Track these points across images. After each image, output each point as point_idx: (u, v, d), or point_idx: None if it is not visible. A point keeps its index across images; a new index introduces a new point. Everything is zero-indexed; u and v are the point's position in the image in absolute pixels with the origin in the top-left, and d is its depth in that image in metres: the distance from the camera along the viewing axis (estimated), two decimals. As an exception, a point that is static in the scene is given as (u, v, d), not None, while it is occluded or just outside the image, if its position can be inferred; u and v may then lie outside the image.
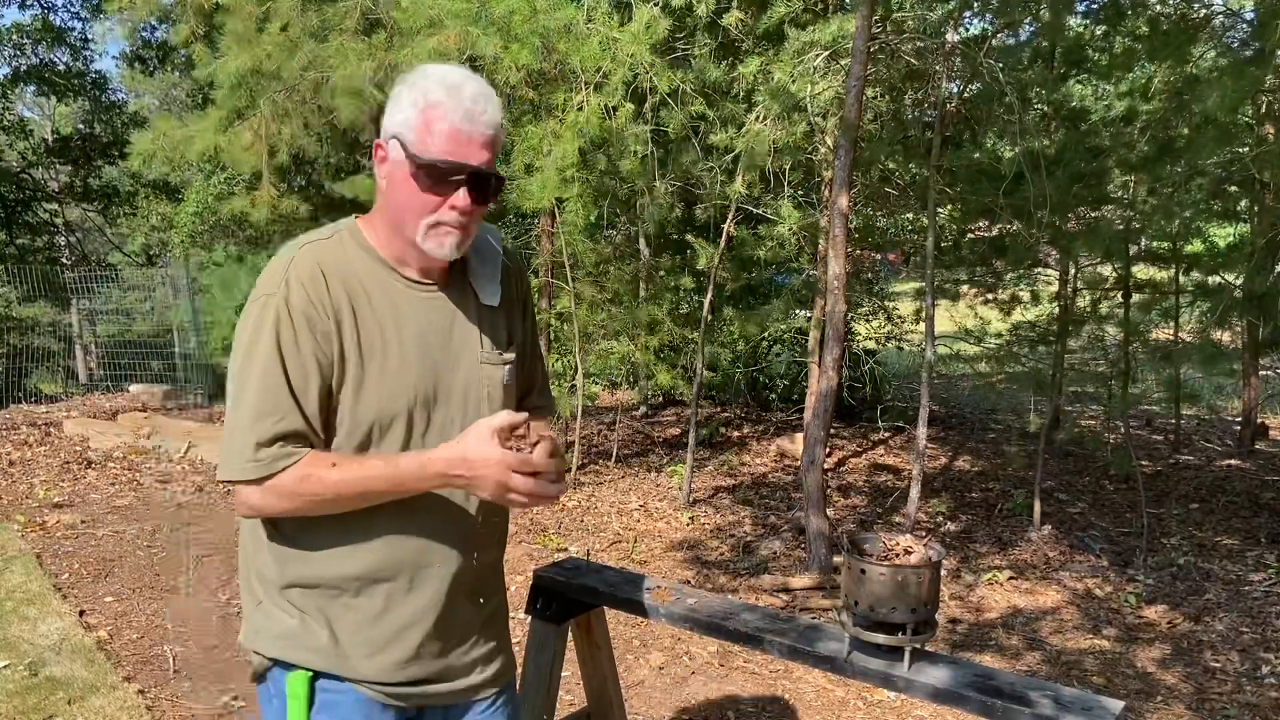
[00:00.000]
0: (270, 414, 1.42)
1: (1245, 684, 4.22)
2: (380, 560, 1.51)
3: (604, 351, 8.64)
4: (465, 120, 1.42)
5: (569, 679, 3.52)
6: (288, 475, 1.42)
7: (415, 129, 1.43)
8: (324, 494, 1.43)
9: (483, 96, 1.45)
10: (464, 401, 1.56)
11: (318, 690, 1.53)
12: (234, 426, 1.45)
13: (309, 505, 1.44)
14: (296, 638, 1.52)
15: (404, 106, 1.45)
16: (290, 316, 1.43)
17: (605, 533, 6.17)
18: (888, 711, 3.80)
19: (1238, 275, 6.09)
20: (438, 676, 1.59)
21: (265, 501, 1.44)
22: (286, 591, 1.53)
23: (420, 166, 1.43)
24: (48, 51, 17.68)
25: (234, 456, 1.43)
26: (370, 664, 1.53)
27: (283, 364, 1.43)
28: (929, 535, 6.19)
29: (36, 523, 5.90)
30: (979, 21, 8.02)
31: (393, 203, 1.49)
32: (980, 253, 7.40)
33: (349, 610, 1.52)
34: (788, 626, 2.01)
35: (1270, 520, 6.52)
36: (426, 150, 1.42)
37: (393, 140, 1.46)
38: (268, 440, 1.41)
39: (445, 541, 1.55)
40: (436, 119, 1.42)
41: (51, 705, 3.55)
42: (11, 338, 13.31)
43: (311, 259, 1.48)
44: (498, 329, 1.61)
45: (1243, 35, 5.90)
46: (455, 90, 1.43)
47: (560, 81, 6.17)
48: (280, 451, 1.42)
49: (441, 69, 1.47)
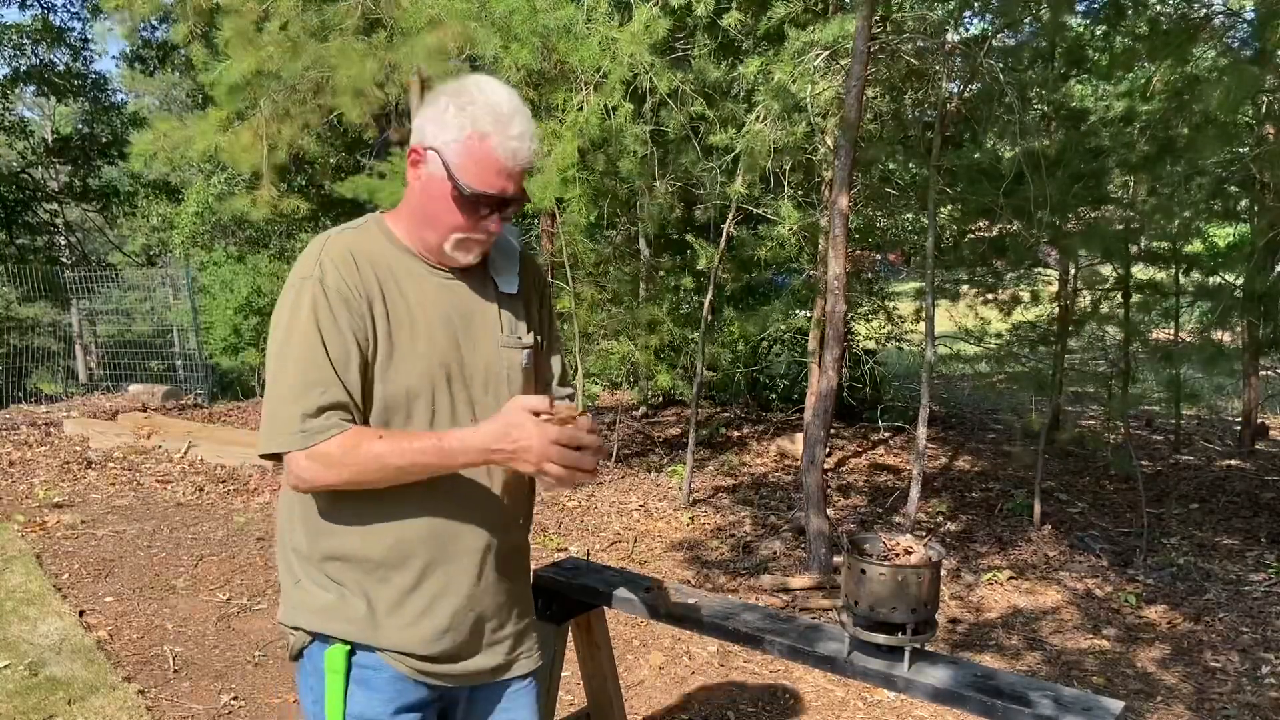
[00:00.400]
0: (315, 386, 1.47)
1: (1245, 684, 4.21)
2: (414, 536, 1.57)
3: (604, 351, 8.64)
4: (510, 157, 1.50)
5: (569, 679, 3.52)
6: (334, 444, 1.46)
7: (460, 155, 1.50)
8: (370, 465, 1.46)
9: (527, 132, 1.52)
10: (485, 382, 1.62)
11: (354, 665, 1.58)
12: (278, 401, 1.48)
13: (355, 475, 1.47)
14: (334, 610, 1.58)
15: (449, 125, 1.50)
16: (326, 296, 1.50)
17: (605, 533, 6.17)
18: (888, 711, 3.80)
19: (1238, 275, 6.09)
20: (469, 651, 1.64)
21: (313, 471, 1.47)
22: (324, 565, 1.59)
23: (462, 194, 1.50)
24: (48, 52, 17.68)
25: (280, 429, 1.47)
26: (405, 634, 1.58)
27: (323, 340, 1.48)
28: (929, 535, 6.19)
29: (36, 523, 5.90)
30: (979, 21, 8.03)
31: (425, 210, 1.55)
32: (980, 253, 7.40)
33: (384, 584, 1.57)
34: (788, 626, 2.01)
35: (1270, 520, 6.52)
36: (470, 180, 1.50)
37: (432, 152, 1.52)
38: (314, 411, 1.46)
39: (475, 519, 1.61)
40: (483, 153, 1.49)
41: (51, 705, 3.55)
42: (11, 338, 13.32)
43: (343, 245, 1.55)
44: (516, 315, 1.69)
45: (1243, 35, 5.90)
46: (504, 124, 1.49)
47: (560, 81, 6.17)
48: (326, 421, 1.46)
49: (489, 93, 1.51)
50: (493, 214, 1.53)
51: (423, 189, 1.54)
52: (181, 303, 12.15)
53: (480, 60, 6.00)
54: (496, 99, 1.50)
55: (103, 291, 13.49)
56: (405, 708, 1.61)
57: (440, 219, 1.54)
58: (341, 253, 1.54)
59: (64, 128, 19.69)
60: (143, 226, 19.18)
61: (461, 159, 1.49)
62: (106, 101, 18.48)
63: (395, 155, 9.97)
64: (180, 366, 11.75)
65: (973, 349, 7.66)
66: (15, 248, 17.58)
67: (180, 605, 4.69)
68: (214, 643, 4.25)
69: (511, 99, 1.51)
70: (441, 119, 1.51)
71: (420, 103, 1.63)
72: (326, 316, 1.49)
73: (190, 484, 6.97)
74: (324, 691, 1.58)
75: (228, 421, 9.48)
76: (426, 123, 1.53)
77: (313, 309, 1.49)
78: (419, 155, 1.54)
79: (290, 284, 1.53)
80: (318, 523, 1.58)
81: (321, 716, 1.59)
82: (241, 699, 3.71)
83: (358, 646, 1.58)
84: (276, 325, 1.53)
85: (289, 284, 1.54)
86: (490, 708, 1.72)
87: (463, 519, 1.60)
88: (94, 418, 8.89)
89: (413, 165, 1.55)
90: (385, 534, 1.56)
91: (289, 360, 1.49)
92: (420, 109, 1.57)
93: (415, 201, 1.57)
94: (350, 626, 1.57)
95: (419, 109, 1.58)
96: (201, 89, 14.21)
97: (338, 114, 7.50)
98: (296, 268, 1.55)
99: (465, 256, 1.58)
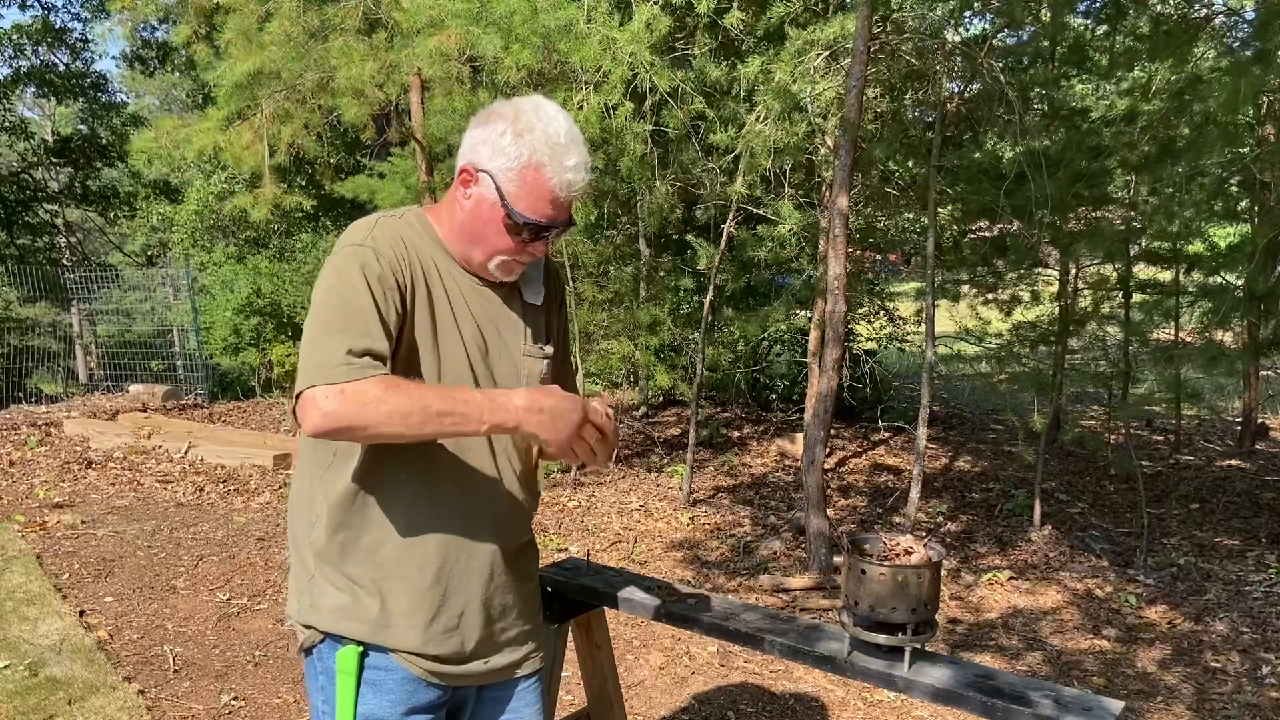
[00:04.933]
0: (362, 332, 1.44)
1: (1245, 684, 4.21)
2: (432, 536, 1.58)
3: (604, 351, 8.64)
4: (564, 189, 1.52)
5: (569, 679, 3.52)
6: (373, 382, 1.40)
7: (515, 183, 1.51)
8: (406, 406, 1.40)
9: (583, 164, 1.53)
10: (507, 387, 1.63)
11: (366, 667, 1.59)
12: (321, 339, 1.43)
13: (388, 418, 1.39)
14: (348, 611, 1.58)
15: (505, 151, 1.50)
16: (378, 261, 1.49)
17: (605, 533, 6.17)
18: (888, 711, 3.80)
19: (1239, 275, 6.08)
20: (481, 651, 1.65)
21: (344, 407, 1.38)
22: (342, 565, 1.59)
23: (515, 221, 1.52)
24: (48, 52, 17.67)
25: (321, 364, 1.41)
26: (419, 635, 1.59)
27: (372, 295, 1.47)
28: (929, 535, 6.18)
29: (36, 523, 5.90)
30: (979, 21, 8.02)
31: (472, 228, 1.56)
32: (981, 253, 7.40)
33: (401, 584, 1.58)
34: (788, 626, 2.00)
35: (1270, 520, 6.52)
36: (523, 209, 1.51)
37: (485, 175, 1.52)
38: (359, 351, 1.42)
39: (489, 520, 1.62)
40: (539, 183, 1.50)
41: (51, 705, 3.55)
42: (11, 338, 13.32)
43: (393, 228, 1.57)
44: (539, 325, 1.72)
45: (1243, 35, 5.90)
46: (559, 155, 1.50)
47: (560, 81, 6.17)
48: (370, 361, 1.43)
49: (547, 121, 1.51)
50: (538, 239, 1.55)
51: (473, 208, 1.55)
52: (181, 303, 12.15)
53: (481, 61, 5.99)
54: (555, 130, 1.50)
55: (103, 292, 13.49)
56: (416, 709, 1.61)
57: (488, 240, 1.55)
58: (392, 232, 1.55)
59: (64, 128, 19.69)
60: (142, 227, 19.17)
61: (516, 187, 1.50)
62: (106, 101, 18.46)
63: (395, 155, 9.99)
64: (180, 366, 11.76)
65: (973, 349, 7.65)
66: (15, 248, 17.58)
67: (180, 605, 4.69)
68: (214, 643, 4.25)
69: (570, 128, 1.51)
70: (498, 144, 1.50)
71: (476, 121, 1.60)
72: (375, 275, 1.48)
73: (190, 484, 6.97)
74: (335, 692, 1.59)
75: (228, 421, 9.48)
76: (480, 144, 1.53)
77: (363, 269, 1.47)
78: (470, 175, 1.54)
79: (338, 251, 1.52)
80: (339, 521, 1.57)
81: (332, 717, 1.60)
82: (241, 699, 3.71)
83: (370, 648, 1.58)
84: (322, 284, 1.50)
85: (336, 251, 1.52)
86: (499, 707, 1.74)
87: (477, 519, 1.61)
88: (94, 418, 8.89)
89: (463, 184, 1.55)
90: (405, 533, 1.57)
91: (336, 307, 1.45)
92: (473, 126, 1.56)
93: (462, 218, 1.57)
94: (363, 628, 1.58)
95: (471, 126, 1.57)
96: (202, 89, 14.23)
97: (338, 114, 7.50)
98: (346, 237, 1.54)
99: (507, 276, 1.61)
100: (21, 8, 17.43)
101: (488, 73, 6.19)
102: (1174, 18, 5.78)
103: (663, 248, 9.74)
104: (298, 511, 1.64)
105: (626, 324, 7.80)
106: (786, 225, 6.61)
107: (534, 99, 1.55)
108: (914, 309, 9.37)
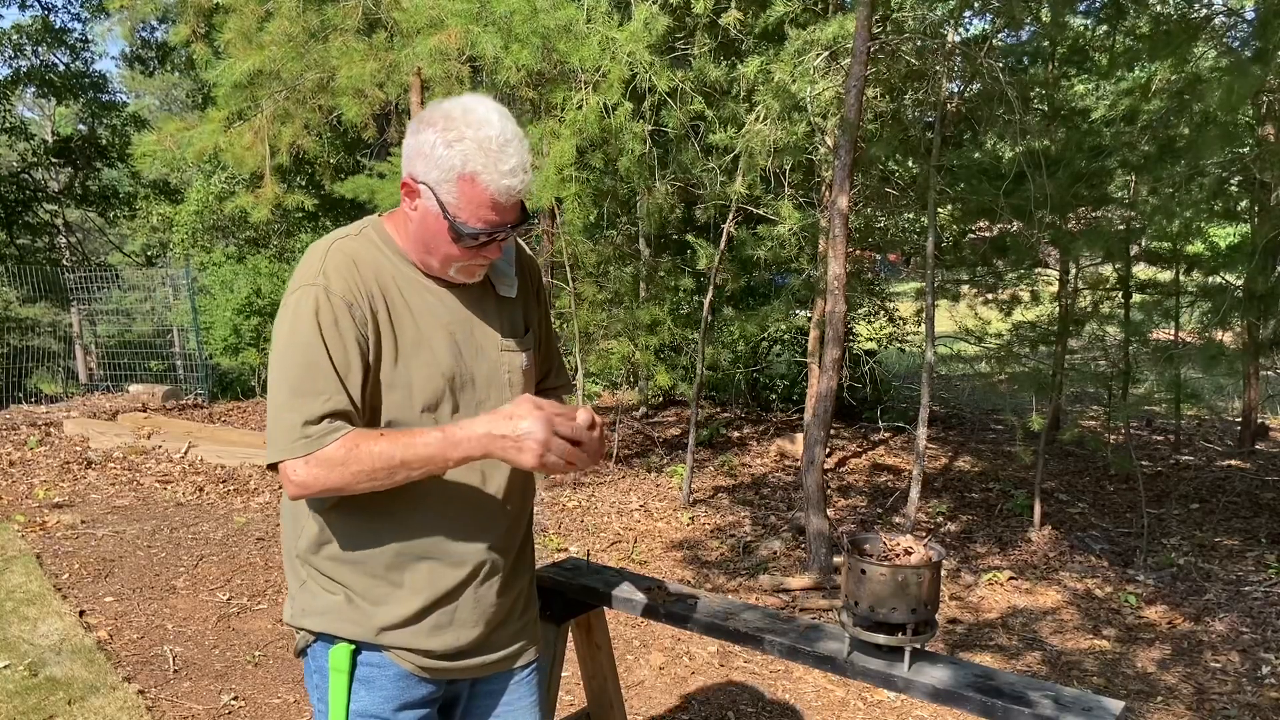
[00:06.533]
0: (317, 394, 1.45)
1: (1245, 684, 4.21)
2: (418, 539, 1.57)
3: (604, 352, 8.63)
4: (504, 195, 1.45)
5: (569, 679, 3.52)
6: (335, 447, 1.44)
7: (453, 195, 1.45)
8: (371, 464, 1.44)
9: (520, 165, 1.45)
10: (488, 386, 1.63)
11: (359, 664, 1.60)
12: (279, 409, 1.47)
13: (356, 477, 1.45)
14: (339, 611, 1.59)
15: (438, 163, 1.44)
16: (330, 302, 1.47)
17: (605, 533, 6.17)
18: (888, 711, 3.80)
19: (1239, 275, 6.08)
20: (474, 649, 1.65)
21: (312, 475, 1.44)
22: (330, 569, 1.59)
23: (459, 231, 1.47)
24: (48, 53, 17.67)
25: (281, 437, 1.45)
26: (410, 634, 1.59)
27: (325, 347, 1.46)
28: (929, 535, 6.19)
29: (36, 523, 5.90)
30: (979, 21, 8.02)
31: (422, 238, 1.53)
32: (981, 253, 7.39)
33: (390, 586, 1.58)
34: (788, 626, 2.00)
35: (1270, 520, 6.52)
36: (465, 218, 1.46)
37: (423, 186, 1.48)
38: (315, 418, 1.44)
39: (479, 520, 1.61)
40: (476, 193, 1.44)
41: (51, 705, 3.55)
42: (11, 338, 13.33)
43: (345, 252, 1.53)
44: (515, 319, 1.69)
45: (1243, 35, 5.90)
46: (494, 161, 1.43)
47: (560, 81, 6.17)
48: (328, 426, 1.44)
49: (477, 125, 1.44)
50: (491, 243, 1.51)
51: (420, 220, 1.51)
52: (181, 303, 12.16)
53: (481, 61, 5.99)
54: (486, 134, 1.43)
55: (103, 292, 13.50)
56: (408, 704, 1.62)
57: (440, 249, 1.52)
58: (345, 260, 1.51)
59: (64, 128, 19.69)
60: (143, 227, 19.18)
61: (454, 198, 1.45)
62: (106, 101, 18.46)
63: (395, 155, 9.98)
64: (180, 366, 11.76)
65: (973, 349, 7.65)
66: (15, 248, 17.58)
67: (180, 605, 4.69)
68: (214, 643, 4.25)
69: (503, 129, 1.44)
70: (430, 156, 1.45)
71: (415, 115, 1.55)
72: (329, 322, 1.46)
73: (190, 484, 6.97)
74: (328, 689, 1.61)
75: (228, 421, 9.48)
76: (415, 156, 1.48)
77: (314, 314, 1.46)
78: (411, 188, 1.50)
79: (292, 290, 1.51)
80: (322, 528, 1.58)
81: (326, 714, 1.62)
82: (241, 699, 3.71)
83: (362, 645, 1.59)
84: (278, 334, 1.50)
85: (290, 290, 1.51)
86: (494, 701, 1.74)
87: (466, 520, 1.60)
88: (94, 418, 8.88)
89: (407, 196, 1.52)
90: (390, 538, 1.56)
91: (291, 367, 1.47)
92: (409, 134, 1.51)
93: (413, 229, 1.54)
94: (355, 627, 1.58)
95: (408, 133, 1.52)
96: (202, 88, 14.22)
97: (338, 114, 7.50)
98: (298, 274, 1.52)
99: (470, 278, 1.58)
100: (21, 8, 17.43)
101: (488, 72, 6.19)
102: (1174, 18, 5.78)
103: (662, 248, 9.74)
104: (287, 519, 1.65)
105: (626, 324, 7.79)
106: (786, 225, 6.61)
107: (464, 101, 1.47)
108: (914, 309, 9.37)
